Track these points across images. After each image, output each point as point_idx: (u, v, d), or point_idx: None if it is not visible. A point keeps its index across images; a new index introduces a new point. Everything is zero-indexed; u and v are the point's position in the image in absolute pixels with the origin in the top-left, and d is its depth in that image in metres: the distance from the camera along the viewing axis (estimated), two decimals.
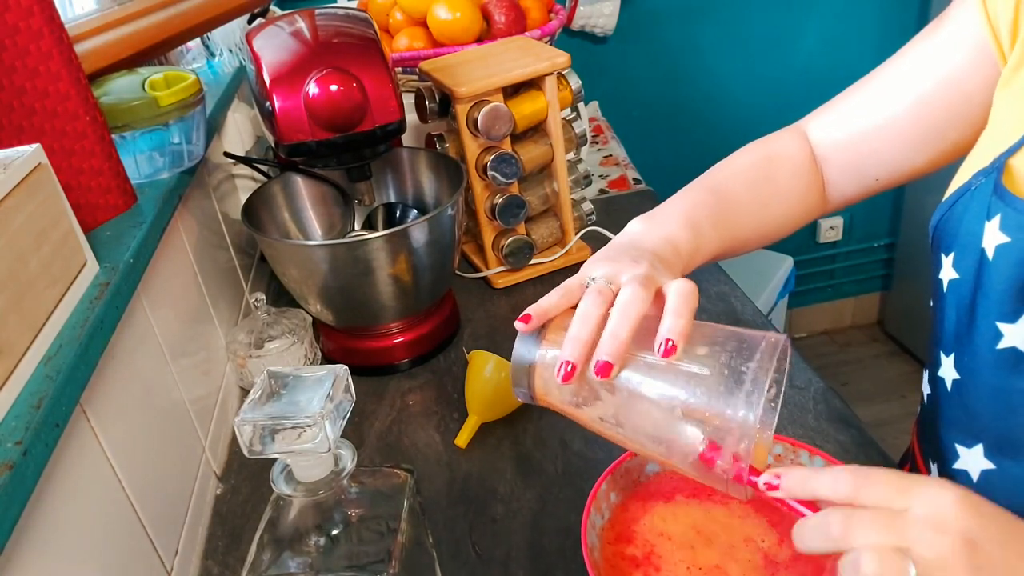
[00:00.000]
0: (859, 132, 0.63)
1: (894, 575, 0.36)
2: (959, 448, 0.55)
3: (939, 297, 0.55)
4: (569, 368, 0.46)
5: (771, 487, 0.42)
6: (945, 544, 0.36)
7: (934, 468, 0.60)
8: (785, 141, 0.68)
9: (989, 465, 0.53)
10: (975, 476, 0.54)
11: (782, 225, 0.66)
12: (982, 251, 0.49)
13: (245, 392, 0.87)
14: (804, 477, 0.41)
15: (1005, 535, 0.37)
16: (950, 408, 0.56)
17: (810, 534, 0.40)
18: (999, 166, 0.49)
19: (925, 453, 0.62)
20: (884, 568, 0.36)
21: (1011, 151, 0.48)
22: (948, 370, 0.55)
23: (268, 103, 0.74)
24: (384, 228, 0.93)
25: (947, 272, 0.53)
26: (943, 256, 0.54)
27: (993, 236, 0.48)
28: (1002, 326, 0.49)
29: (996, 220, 0.48)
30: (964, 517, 0.36)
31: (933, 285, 0.56)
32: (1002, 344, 0.49)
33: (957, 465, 0.56)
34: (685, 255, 0.56)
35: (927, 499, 0.37)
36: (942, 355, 0.56)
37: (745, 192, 0.64)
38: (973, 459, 0.54)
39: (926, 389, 0.61)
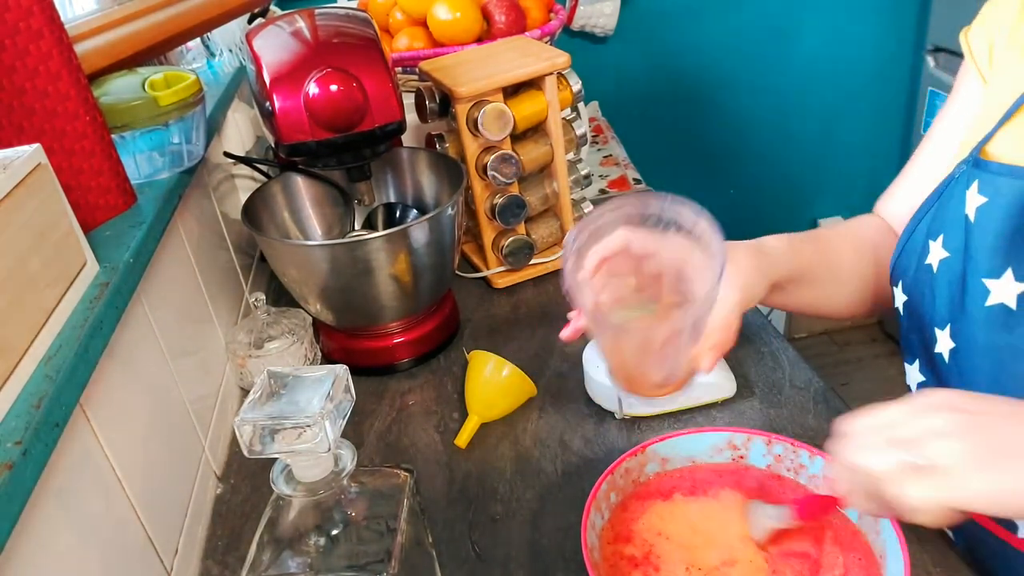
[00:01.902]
0: (912, 204, 0.67)
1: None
2: None
3: (928, 282, 0.58)
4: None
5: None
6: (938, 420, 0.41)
7: None
8: (861, 219, 0.75)
9: None
10: None
11: (845, 285, 0.71)
12: (965, 217, 0.53)
13: (245, 392, 0.87)
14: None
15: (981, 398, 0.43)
16: (949, 382, 0.58)
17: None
18: (976, 152, 0.54)
19: None
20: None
21: (986, 139, 0.54)
22: (945, 342, 0.57)
23: (268, 103, 0.74)
24: (384, 228, 0.93)
25: (936, 254, 0.56)
26: (931, 242, 0.57)
27: (973, 200, 0.52)
28: (988, 283, 0.52)
29: (975, 186, 0.53)
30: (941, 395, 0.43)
31: (918, 275, 0.59)
32: (990, 301, 0.52)
33: None
34: (768, 249, 0.64)
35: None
36: (937, 331, 0.58)
37: (826, 237, 0.71)
38: None
39: (918, 378, 0.63)
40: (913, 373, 0.63)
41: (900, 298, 0.62)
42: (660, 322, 0.55)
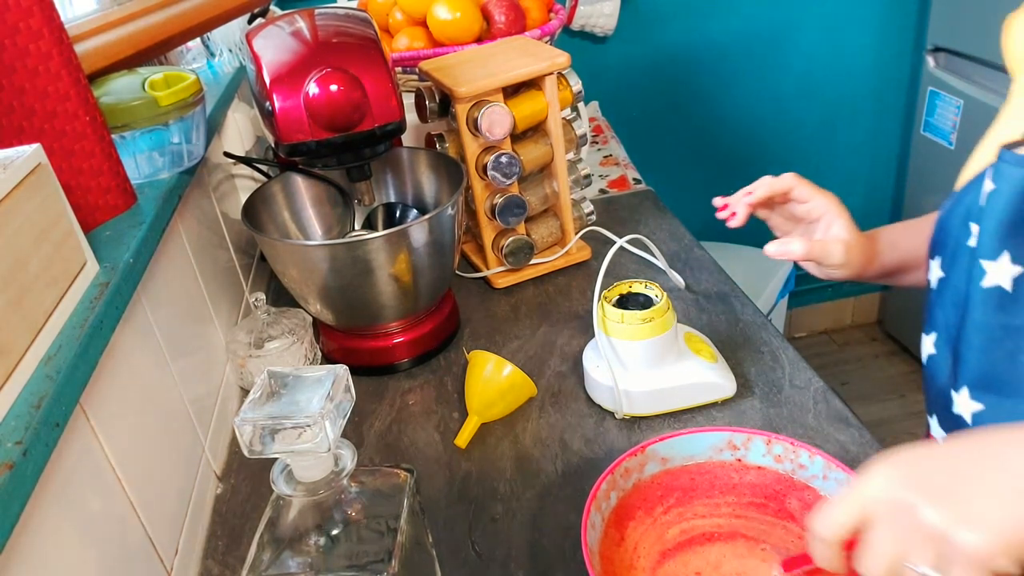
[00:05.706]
0: None
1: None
2: (952, 393, 0.59)
3: (963, 264, 0.59)
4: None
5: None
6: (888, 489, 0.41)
7: (934, 419, 0.63)
8: None
9: (978, 406, 0.56)
10: (968, 420, 0.57)
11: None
12: (980, 207, 0.56)
13: (245, 392, 0.87)
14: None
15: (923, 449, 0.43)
16: (955, 352, 0.60)
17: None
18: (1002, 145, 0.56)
19: (930, 410, 0.65)
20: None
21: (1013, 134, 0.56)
22: (956, 317, 0.59)
23: (268, 103, 0.74)
24: (384, 228, 0.93)
25: (972, 240, 0.59)
26: (970, 223, 0.59)
27: (986, 188, 0.55)
28: (986, 264, 0.54)
29: (989, 174, 0.55)
30: (885, 468, 0.43)
31: (956, 254, 0.60)
32: (986, 282, 0.54)
33: (955, 410, 0.59)
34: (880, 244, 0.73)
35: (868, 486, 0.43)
36: (951, 308, 0.60)
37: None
38: (963, 402, 0.58)
39: (930, 351, 0.64)
40: (927, 345, 0.65)
41: (936, 273, 0.63)
42: None
